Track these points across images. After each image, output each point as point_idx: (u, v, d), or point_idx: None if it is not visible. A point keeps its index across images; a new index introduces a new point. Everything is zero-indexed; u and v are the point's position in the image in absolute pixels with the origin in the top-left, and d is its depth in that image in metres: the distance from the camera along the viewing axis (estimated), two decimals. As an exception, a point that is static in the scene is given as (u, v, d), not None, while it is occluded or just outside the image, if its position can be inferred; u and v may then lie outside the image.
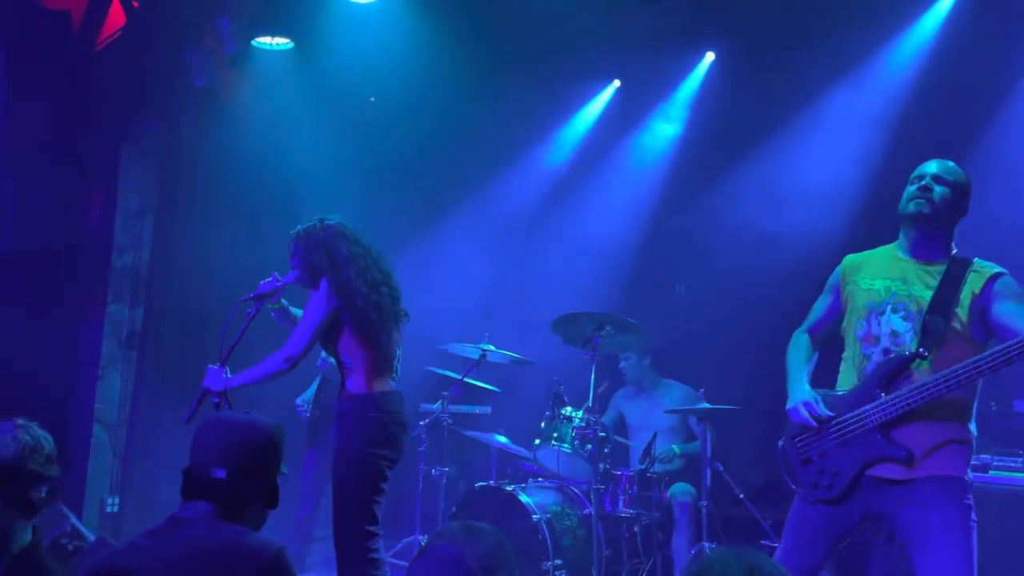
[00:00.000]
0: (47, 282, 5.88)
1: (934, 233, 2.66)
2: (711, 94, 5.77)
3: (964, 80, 4.69)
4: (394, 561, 5.41)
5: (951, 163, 2.71)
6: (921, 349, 2.54)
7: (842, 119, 5.14)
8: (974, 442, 2.62)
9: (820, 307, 2.91)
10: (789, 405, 2.76)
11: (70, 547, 3.54)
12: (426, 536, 5.26)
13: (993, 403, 3.99)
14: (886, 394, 2.56)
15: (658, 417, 4.96)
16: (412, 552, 5.29)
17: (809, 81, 5.22)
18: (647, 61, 5.82)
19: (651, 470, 4.60)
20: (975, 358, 2.43)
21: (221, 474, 1.99)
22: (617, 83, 6.25)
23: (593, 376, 4.52)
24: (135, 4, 5.61)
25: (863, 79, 5.11)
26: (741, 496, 4.52)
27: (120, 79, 5.75)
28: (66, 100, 5.70)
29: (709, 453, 4.44)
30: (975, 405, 2.63)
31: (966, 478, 2.56)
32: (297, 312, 3.60)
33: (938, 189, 2.63)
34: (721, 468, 4.56)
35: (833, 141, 5.11)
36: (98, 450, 5.82)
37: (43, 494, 2.05)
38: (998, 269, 2.59)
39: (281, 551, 1.94)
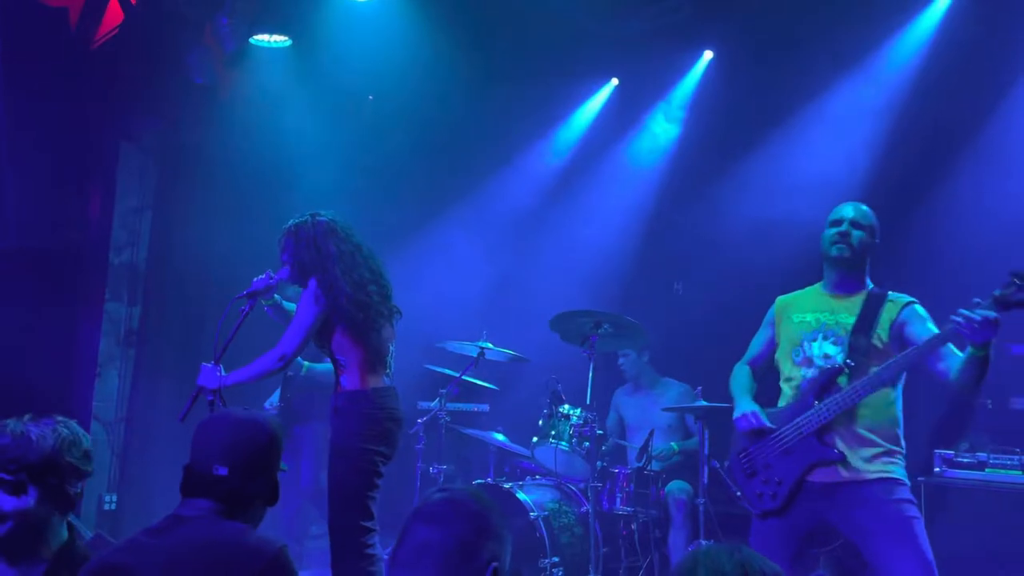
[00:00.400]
0: (45, 280, 5.87)
1: (852, 272, 3.00)
2: (710, 92, 5.78)
3: (963, 75, 4.70)
4: (392, 559, 5.42)
5: (864, 207, 3.04)
6: (848, 361, 2.86)
7: (841, 116, 5.15)
8: (904, 450, 2.91)
9: (759, 341, 3.23)
10: (735, 415, 3.04)
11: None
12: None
13: (989, 401, 4.01)
14: (819, 403, 2.85)
15: (656, 415, 4.97)
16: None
17: (809, 78, 5.22)
18: (646, 59, 5.82)
19: (648, 468, 4.61)
20: (893, 358, 2.79)
21: (223, 471, 1.99)
22: (615, 81, 6.25)
23: (591, 374, 4.52)
24: (133, 1, 5.61)
25: (862, 75, 5.12)
26: (739, 494, 4.52)
27: (119, 76, 5.74)
28: (64, 97, 5.69)
29: (706, 451, 4.44)
30: (901, 418, 2.89)
31: (900, 477, 2.82)
32: (290, 307, 3.60)
33: (855, 234, 2.96)
34: (718, 465, 4.56)
35: (833, 137, 5.13)
36: (96, 447, 5.73)
37: (79, 489, 2.09)
38: (909, 299, 2.96)
39: (282, 549, 1.94)
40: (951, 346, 2.78)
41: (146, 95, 5.90)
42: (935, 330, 2.80)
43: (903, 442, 2.89)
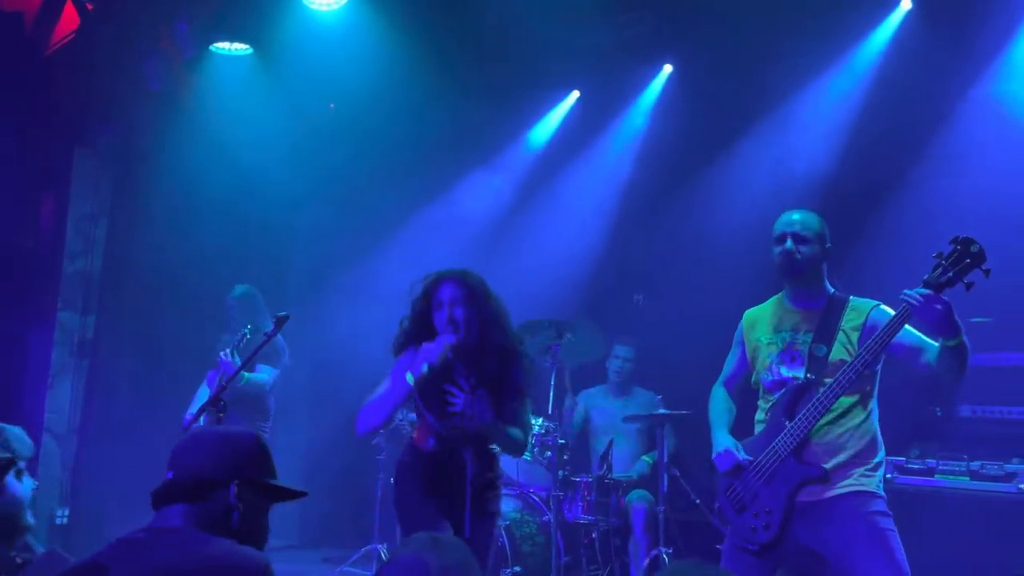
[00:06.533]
0: (-5, 288, 5.74)
1: (808, 284, 2.95)
2: (671, 103, 5.85)
3: (918, 83, 4.82)
4: (351, 570, 5.37)
5: (809, 213, 2.95)
6: (809, 375, 2.81)
7: (801, 125, 5.25)
8: (882, 461, 2.83)
9: (731, 361, 3.18)
10: (714, 455, 2.99)
11: (19, 560, 3.45)
12: (385, 544, 5.23)
13: (938, 408, 4.10)
14: (790, 422, 2.81)
15: (623, 423, 4.99)
16: (371, 561, 5.26)
17: (768, 89, 5.31)
18: (607, 72, 5.88)
19: (609, 476, 4.64)
20: (851, 360, 2.74)
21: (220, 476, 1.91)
22: (577, 93, 6.30)
23: (552, 383, 4.54)
24: (89, 6, 5.52)
25: (821, 87, 5.23)
26: (698, 502, 4.58)
27: (74, 81, 5.65)
28: (17, 102, 5.58)
29: (666, 459, 4.49)
30: (877, 427, 2.84)
31: (875, 490, 2.76)
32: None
33: (802, 250, 2.89)
34: (678, 474, 4.62)
35: (792, 147, 5.21)
36: (47, 460, 5.68)
37: None
38: (873, 302, 2.90)
39: (268, 566, 1.88)
40: (923, 337, 2.75)
41: (102, 101, 5.81)
42: (908, 327, 2.73)
43: (881, 452, 2.82)
